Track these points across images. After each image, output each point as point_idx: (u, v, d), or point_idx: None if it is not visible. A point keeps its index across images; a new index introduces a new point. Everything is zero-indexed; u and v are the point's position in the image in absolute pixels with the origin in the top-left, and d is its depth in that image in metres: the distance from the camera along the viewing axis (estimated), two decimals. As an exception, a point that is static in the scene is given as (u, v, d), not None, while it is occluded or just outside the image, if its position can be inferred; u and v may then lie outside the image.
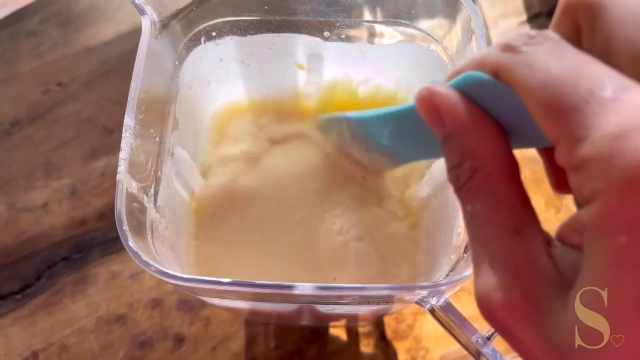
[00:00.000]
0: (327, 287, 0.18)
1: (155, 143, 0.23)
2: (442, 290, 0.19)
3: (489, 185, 0.15)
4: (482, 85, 0.15)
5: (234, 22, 0.27)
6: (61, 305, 0.40)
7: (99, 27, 0.51)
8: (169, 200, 0.25)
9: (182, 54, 0.27)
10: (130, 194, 0.20)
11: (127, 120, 0.20)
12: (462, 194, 0.15)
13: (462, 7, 0.24)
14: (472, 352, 0.21)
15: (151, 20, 0.23)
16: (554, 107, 0.12)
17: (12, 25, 0.51)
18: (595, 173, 0.12)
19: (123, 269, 0.42)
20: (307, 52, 0.29)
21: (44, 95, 0.48)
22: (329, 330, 0.40)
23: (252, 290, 0.18)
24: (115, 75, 0.49)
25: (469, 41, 0.24)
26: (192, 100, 0.28)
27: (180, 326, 0.40)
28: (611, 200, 0.12)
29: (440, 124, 0.15)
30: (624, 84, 0.12)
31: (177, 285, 0.19)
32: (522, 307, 0.14)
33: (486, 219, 0.14)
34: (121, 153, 0.20)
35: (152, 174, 0.23)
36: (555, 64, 0.13)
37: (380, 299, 0.20)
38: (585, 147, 0.12)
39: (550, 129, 0.13)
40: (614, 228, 0.12)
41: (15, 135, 0.46)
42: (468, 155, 0.15)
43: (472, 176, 0.15)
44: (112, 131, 0.46)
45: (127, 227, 0.19)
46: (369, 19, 0.27)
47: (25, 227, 0.43)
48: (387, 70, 0.30)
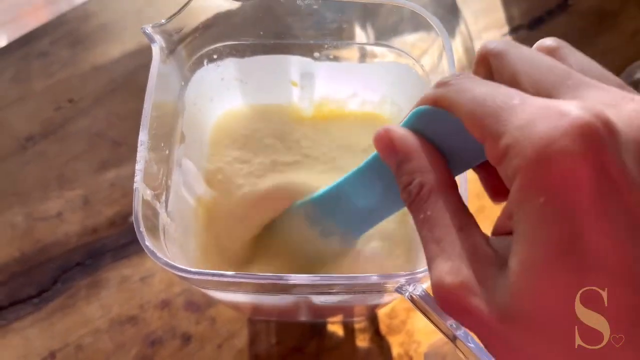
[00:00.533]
0: (318, 277, 0.21)
1: (165, 155, 0.26)
2: (418, 279, 0.22)
3: (435, 195, 0.18)
4: (426, 114, 0.19)
5: (233, 45, 0.30)
6: (76, 307, 0.43)
7: (107, 46, 0.54)
8: (178, 206, 0.28)
9: (187, 75, 0.29)
10: (145, 201, 0.23)
11: (141, 135, 0.23)
12: (414, 205, 0.18)
13: (434, 29, 0.27)
14: (448, 335, 0.24)
15: (160, 47, 0.26)
16: (479, 115, 0.16)
17: (24, 47, 0.53)
18: (513, 155, 0.15)
19: (133, 273, 0.44)
20: (300, 71, 0.32)
21: (56, 112, 0.50)
22: (327, 327, 0.42)
23: (252, 281, 0.21)
24: (122, 92, 0.51)
25: (440, 59, 0.27)
26: (196, 115, 0.31)
27: (187, 325, 0.42)
28: (527, 172, 0.15)
29: (393, 153, 0.19)
30: (525, 95, 0.16)
31: (186, 278, 0.21)
32: (471, 284, 0.16)
33: (436, 222, 0.18)
34: (137, 165, 0.23)
35: (163, 183, 0.26)
36: (477, 88, 0.17)
37: (364, 286, 0.22)
38: (504, 138, 0.15)
39: (478, 133, 0.16)
40: (531, 194, 0.15)
41: (30, 150, 0.49)
42: (416, 174, 0.18)
43: (420, 190, 0.18)
44: (121, 144, 0.49)
45: (143, 229, 0.21)
46: (354, 41, 0.30)
47: (41, 235, 0.45)
48: (372, 86, 0.33)
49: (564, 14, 0.55)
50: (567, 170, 0.14)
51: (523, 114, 0.15)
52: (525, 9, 0.55)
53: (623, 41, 0.54)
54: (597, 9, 0.56)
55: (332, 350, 0.41)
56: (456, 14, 0.55)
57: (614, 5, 0.56)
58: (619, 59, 0.53)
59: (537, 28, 0.54)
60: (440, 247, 0.17)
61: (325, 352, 0.41)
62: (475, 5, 0.56)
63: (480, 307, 0.16)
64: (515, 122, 0.15)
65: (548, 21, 0.55)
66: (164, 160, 0.26)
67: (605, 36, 0.55)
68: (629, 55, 0.52)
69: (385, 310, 0.43)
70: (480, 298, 0.16)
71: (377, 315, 0.43)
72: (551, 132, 0.14)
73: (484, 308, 0.16)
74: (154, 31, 0.26)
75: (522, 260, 0.15)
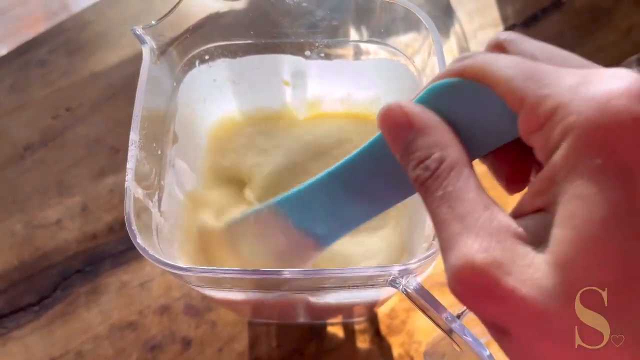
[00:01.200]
0: (310, 271, 0.21)
1: (158, 155, 0.26)
2: (411, 270, 0.22)
3: (457, 170, 0.16)
4: (448, 88, 0.18)
5: (225, 46, 0.30)
6: (76, 314, 0.43)
7: (104, 54, 0.54)
8: (171, 206, 0.28)
9: (179, 76, 0.30)
10: (137, 199, 0.23)
11: (132, 135, 0.23)
12: (431, 181, 0.17)
13: (423, 26, 0.27)
14: (444, 328, 0.24)
15: (150, 48, 0.26)
16: (519, 79, 0.15)
17: (23, 56, 0.54)
18: (564, 116, 0.14)
19: (133, 279, 0.44)
20: (291, 70, 0.32)
21: (54, 120, 0.51)
22: (327, 328, 0.42)
23: (245, 276, 0.21)
24: (120, 98, 0.52)
25: (432, 56, 0.27)
26: (189, 117, 0.31)
27: (187, 330, 0.42)
28: (582, 132, 0.14)
29: (407, 128, 0.18)
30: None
31: (178, 275, 0.21)
32: (506, 262, 0.14)
33: (459, 198, 0.16)
34: (128, 163, 0.23)
35: (155, 183, 0.26)
36: (510, 57, 0.16)
37: (357, 280, 0.22)
38: (549, 101, 0.15)
39: (515, 99, 0.15)
40: (587, 155, 0.14)
41: (28, 158, 0.49)
42: (435, 148, 0.17)
43: (440, 164, 0.17)
44: (119, 151, 0.49)
45: (135, 226, 0.22)
46: (345, 38, 0.30)
47: (41, 242, 0.45)
48: (365, 85, 0.33)
49: (558, 12, 0.55)
50: (631, 130, 0.13)
51: (571, 76, 0.15)
52: (519, 8, 0.56)
53: (618, 37, 0.54)
54: (591, 6, 0.56)
55: (333, 352, 0.41)
56: (451, 15, 0.56)
57: (608, 2, 0.57)
58: (614, 55, 0.53)
59: (532, 26, 0.54)
60: (465, 225, 0.15)
61: (325, 353, 0.41)
62: (469, 5, 0.56)
63: (517, 287, 0.14)
64: (565, 83, 0.15)
65: (542, 19, 0.55)
66: (157, 160, 0.26)
67: (600, 33, 0.55)
68: (624, 52, 0.52)
69: (385, 310, 0.43)
70: (516, 278, 0.14)
71: (377, 315, 0.43)
72: (610, 92, 0.14)
73: (523, 288, 0.14)
74: (144, 32, 0.26)
75: (575, 228, 0.14)
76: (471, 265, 0.15)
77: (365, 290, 0.25)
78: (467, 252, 0.15)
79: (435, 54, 0.27)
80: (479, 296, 0.15)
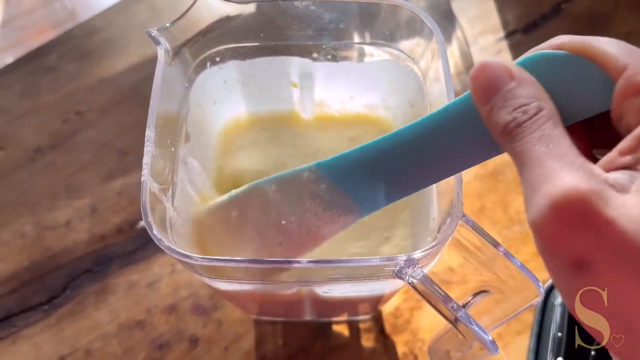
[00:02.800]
0: (319, 260, 0.22)
1: (171, 153, 0.27)
2: (416, 260, 0.22)
3: (554, 120, 0.18)
4: (554, 58, 0.19)
5: (235, 48, 0.31)
6: (85, 313, 0.44)
7: (112, 60, 0.55)
8: (183, 202, 0.29)
9: (192, 77, 0.31)
10: (152, 194, 0.24)
11: (148, 132, 0.24)
12: (530, 124, 0.17)
13: (428, 29, 0.28)
14: (449, 318, 0.25)
15: (165, 49, 0.27)
16: (621, 51, 0.17)
17: (33, 62, 0.55)
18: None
19: (141, 279, 0.45)
20: (299, 71, 0.33)
21: (64, 124, 0.52)
22: (332, 327, 0.43)
23: (256, 266, 0.22)
24: (128, 103, 0.53)
25: (435, 59, 0.28)
26: (200, 117, 0.32)
27: (194, 328, 0.43)
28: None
29: (506, 78, 0.18)
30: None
31: (191, 264, 0.22)
32: (606, 195, 0.15)
33: (557, 142, 0.17)
34: (144, 158, 0.24)
35: (169, 178, 0.27)
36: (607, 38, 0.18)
37: (364, 270, 0.23)
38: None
39: (618, 67, 0.17)
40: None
41: (38, 161, 0.50)
42: (534, 99, 0.18)
43: (539, 112, 0.18)
44: (127, 154, 0.50)
45: (151, 218, 0.22)
46: (352, 41, 0.31)
47: (51, 244, 0.46)
48: (371, 86, 0.34)
49: (558, 18, 0.56)
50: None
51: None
52: (519, 14, 0.57)
53: (616, 43, 0.56)
54: (590, 12, 0.57)
55: (338, 350, 0.42)
56: (452, 21, 0.57)
57: (606, 8, 0.58)
58: (613, 60, 0.54)
59: (532, 32, 0.55)
60: (565, 162, 0.16)
61: (330, 351, 0.42)
62: (470, 12, 0.57)
63: (615, 218, 0.15)
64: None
65: (542, 25, 0.56)
66: (170, 157, 0.27)
67: (599, 38, 0.56)
68: (622, 56, 0.53)
69: (390, 309, 0.43)
70: (614, 210, 0.15)
71: (381, 314, 0.43)
72: None
73: (620, 219, 0.15)
74: (159, 34, 0.27)
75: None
76: (575, 191, 0.15)
77: (371, 283, 0.26)
78: (569, 181, 0.16)
79: (439, 56, 0.28)
80: (574, 224, 0.15)
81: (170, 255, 0.23)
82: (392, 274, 0.23)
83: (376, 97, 0.35)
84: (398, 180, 0.23)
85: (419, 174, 0.23)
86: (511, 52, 0.54)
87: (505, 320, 0.27)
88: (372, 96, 0.35)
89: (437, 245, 0.22)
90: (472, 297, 0.27)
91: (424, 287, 0.24)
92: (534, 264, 0.46)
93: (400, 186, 0.23)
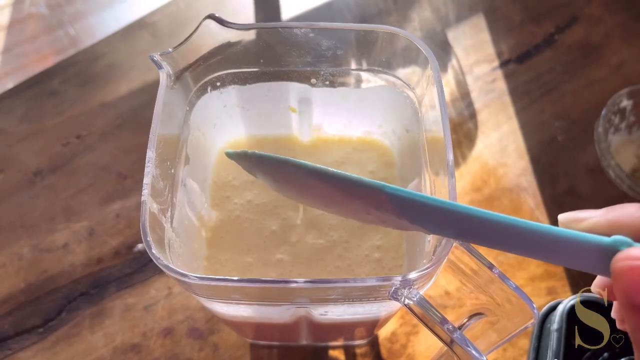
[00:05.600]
0: (316, 280, 0.22)
1: (171, 174, 0.28)
2: (410, 281, 0.23)
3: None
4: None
5: (235, 73, 0.32)
6: (80, 336, 0.43)
7: (114, 85, 0.56)
8: (182, 223, 0.29)
9: (192, 101, 0.31)
10: (152, 214, 0.24)
11: (149, 153, 0.25)
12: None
13: (423, 57, 0.29)
14: (445, 340, 0.25)
15: (167, 74, 0.28)
16: None
17: (36, 86, 0.56)
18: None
19: (137, 302, 0.45)
20: (298, 97, 0.34)
21: (64, 147, 0.52)
22: (329, 352, 0.43)
23: (254, 285, 0.22)
24: (127, 128, 0.53)
25: (431, 86, 0.29)
26: (200, 140, 0.33)
27: (190, 352, 0.43)
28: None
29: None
30: None
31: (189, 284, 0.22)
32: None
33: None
34: (145, 179, 0.24)
35: (169, 199, 0.27)
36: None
37: (360, 291, 0.23)
38: None
39: None
40: None
41: (38, 184, 0.50)
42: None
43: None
44: (126, 177, 0.51)
45: (150, 238, 0.23)
46: (349, 67, 0.32)
47: (48, 266, 0.46)
48: (365, 111, 0.35)
49: (551, 48, 0.58)
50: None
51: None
52: (513, 45, 0.58)
53: (608, 73, 0.57)
54: (582, 42, 0.59)
55: (334, 375, 0.42)
56: (448, 50, 0.58)
57: (598, 39, 0.59)
58: (604, 90, 0.55)
59: (525, 62, 0.56)
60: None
61: (327, 377, 0.42)
62: (465, 42, 0.59)
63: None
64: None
65: (535, 55, 0.57)
66: (169, 178, 0.27)
67: (591, 68, 0.57)
68: (614, 86, 0.54)
69: (386, 334, 0.43)
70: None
71: (377, 339, 0.43)
72: None
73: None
74: (161, 58, 0.27)
75: None
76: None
77: (367, 304, 0.26)
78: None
79: (434, 84, 0.29)
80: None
81: (167, 278, 0.23)
82: (388, 295, 0.24)
83: (373, 122, 0.36)
84: (466, 236, 0.23)
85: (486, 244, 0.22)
86: (505, 81, 0.55)
87: (501, 343, 0.27)
88: (369, 121, 0.36)
89: (432, 266, 0.23)
90: (468, 319, 0.28)
91: (420, 309, 0.24)
92: (529, 289, 0.46)
93: (464, 238, 0.23)
